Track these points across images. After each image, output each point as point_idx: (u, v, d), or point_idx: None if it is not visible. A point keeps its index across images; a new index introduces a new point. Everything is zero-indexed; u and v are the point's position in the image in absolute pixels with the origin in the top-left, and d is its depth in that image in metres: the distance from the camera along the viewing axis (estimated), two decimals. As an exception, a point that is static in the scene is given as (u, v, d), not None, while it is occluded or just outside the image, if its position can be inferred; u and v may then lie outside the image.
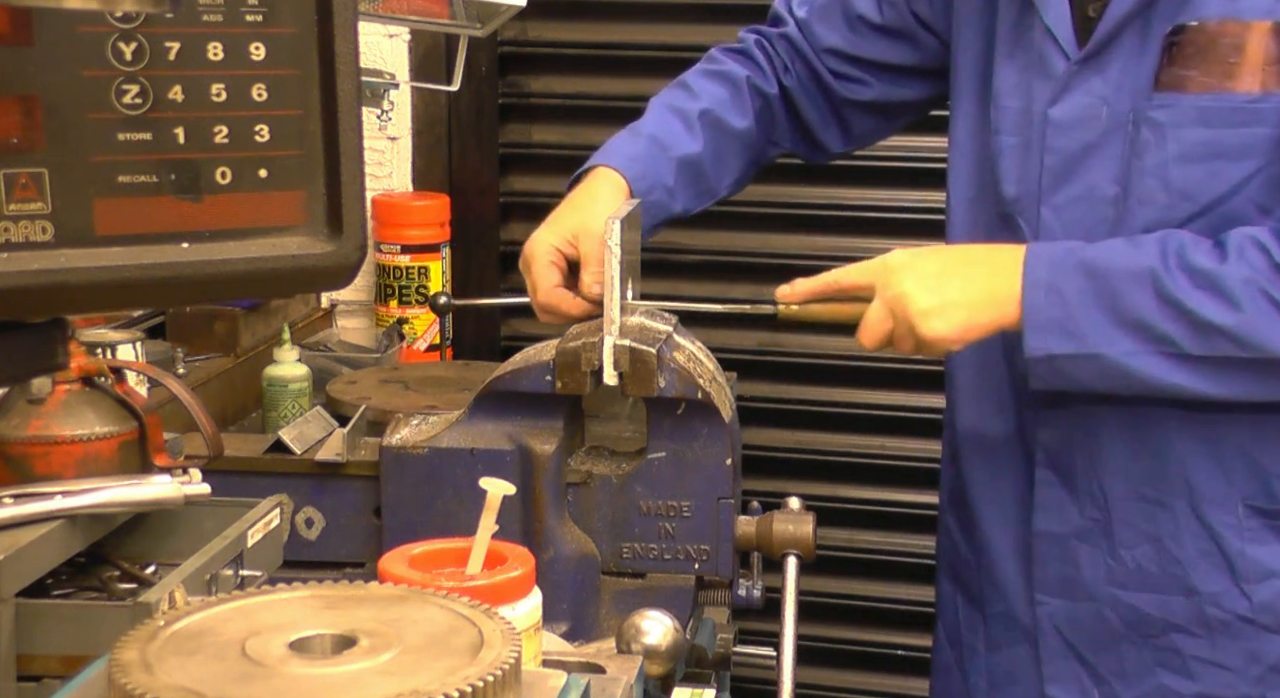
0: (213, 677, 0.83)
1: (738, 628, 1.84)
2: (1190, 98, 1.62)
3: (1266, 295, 1.54)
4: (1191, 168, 1.63)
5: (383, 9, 2.14)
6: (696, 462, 1.70)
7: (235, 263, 0.83)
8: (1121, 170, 1.67)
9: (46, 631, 1.32)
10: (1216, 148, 1.62)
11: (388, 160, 2.90)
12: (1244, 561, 1.71)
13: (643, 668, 1.20)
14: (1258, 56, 1.59)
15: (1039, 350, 1.61)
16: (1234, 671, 1.73)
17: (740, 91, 2.01)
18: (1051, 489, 1.79)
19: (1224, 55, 1.60)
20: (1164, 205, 1.64)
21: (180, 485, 1.42)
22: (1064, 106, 1.70)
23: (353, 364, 2.41)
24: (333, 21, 0.84)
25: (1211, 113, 1.61)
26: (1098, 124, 1.68)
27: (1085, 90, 1.69)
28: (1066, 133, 1.70)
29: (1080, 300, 1.59)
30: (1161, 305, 1.57)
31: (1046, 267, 1.61)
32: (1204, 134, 1.62)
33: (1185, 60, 1.62)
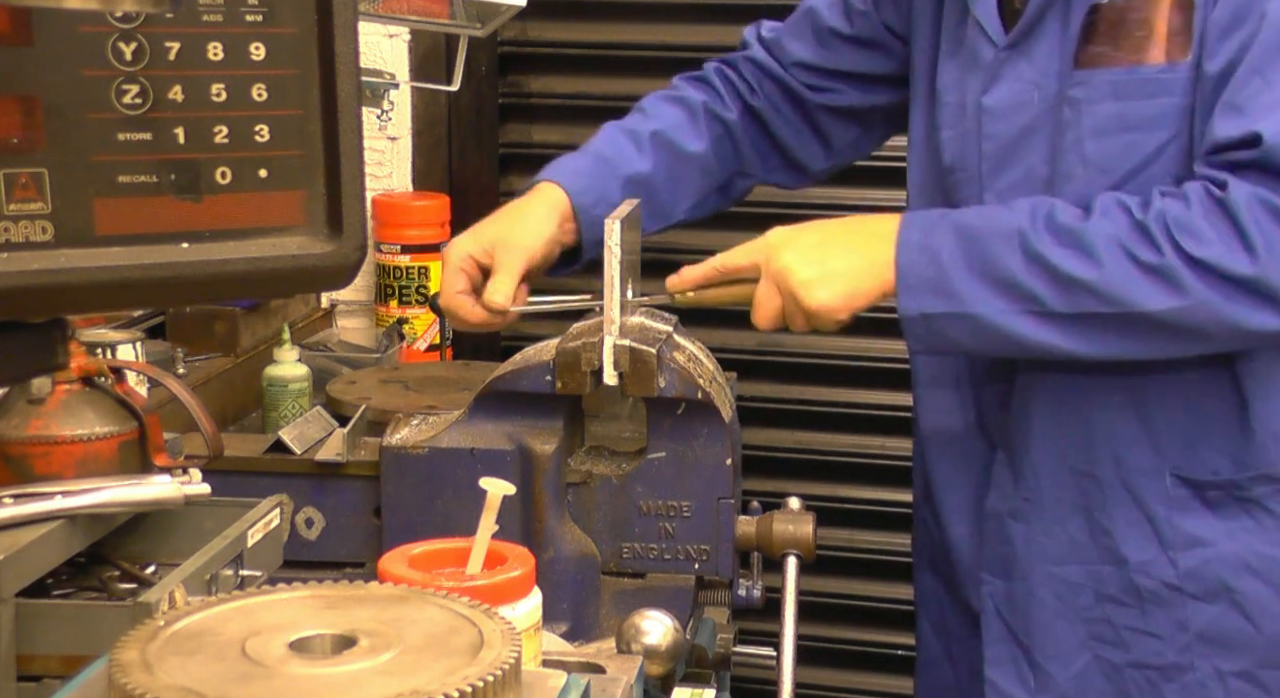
0: (213, 677, 0.83)
1: (738, 628, 1.84)
2: (1104, 73, 1.66)
3: (1126, 251, 1.56)
4: (1106, 141, 1.66)
5: (383, 9, 2.14)
6: (696, 462, 1.70)
7: (235, 263, 0.83)
8: (1049, 150, 1.71)
9: (46, 631, 1.32)
10: (1129, 120, 1.65)
11: (388, 160, 2.90)
12: (1171, 529, 1.72)
13: (643, 668, 1.20)
14: (1163, 29, 1.62)
15: (913, 310, 1.64)
16: (1164, 639, 1.74)
17: (695, 116, 2.02)
18: (1002, 468, 1.82)
19: (1133, 30, 1.64)
20: (1083, 180, 1.67)
21: (180, 485, 1.42)
22: (995, 94, 1.74)
23: (353, 364, 2.41)
24: (333, 21, 0.84)
25: (1123, 86, 1.65)
26: (1030, 108, 1.72)
27: (1015, 76, 1.73)
28: (1001, 119, 1.74)
29: (952, 260, 1.62)
30: (1028, 263, 1.59)
31: (920, 229, 1.65)
32: (1116, 107, 1.65)
33: (1100, 38, 1.66)
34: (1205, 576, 1.71)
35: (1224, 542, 1.71)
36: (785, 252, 1.68)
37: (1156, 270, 1.56)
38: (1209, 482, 1.71)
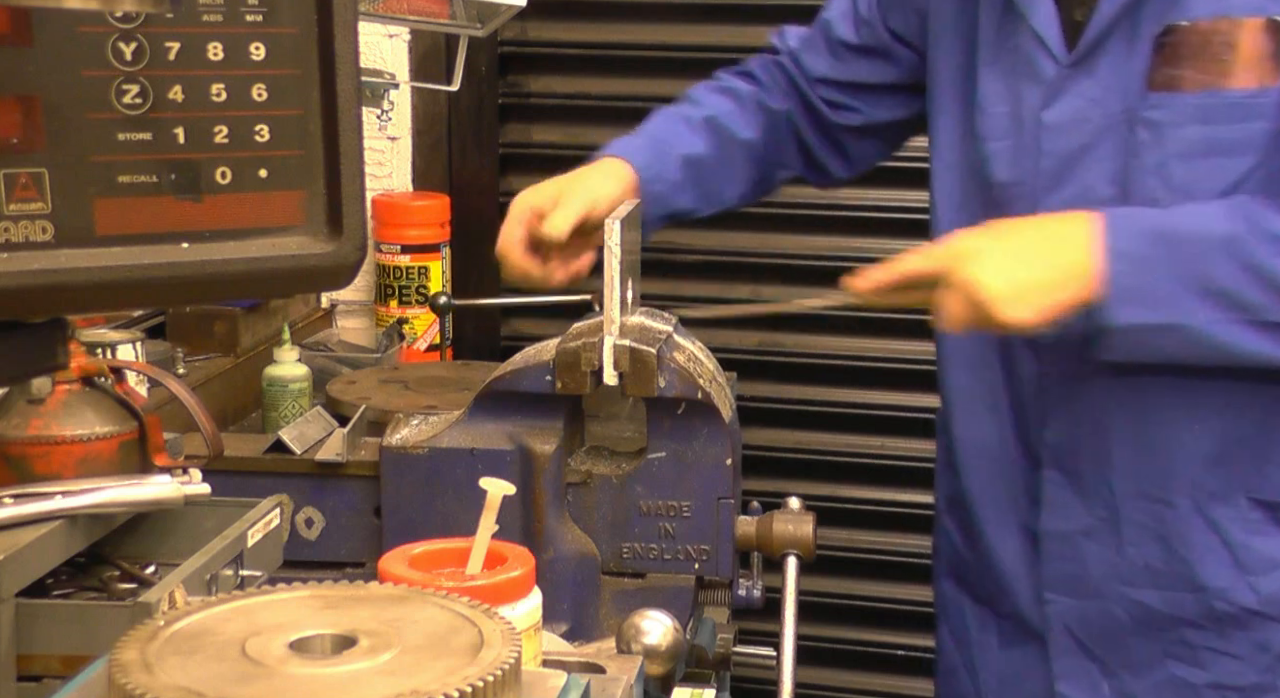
0: (213, 677, 0.83)
1: (738, 628, 1.84)
2: (1186, 96, 1.63)
3: None
4: (1192, 164, 1.64)
5: (383, 9, 2.14)
6: (696, 462, 1.70)
7: (235, 263, 0.83)
8: (1118, 170, 1.68)
9: (46, 631, 1.32)
10: (1215, 144, 1.63)
11: (388, 160, 2.90)
12: (1249, 553, 1.71)
13: (643, 668, 1.20)
14: (1251, 52, 1.60)
15: (1121, 320, 1.58)
16: (1244, 659, 1.74)
17: (745, 105, 2.03)
18: (1058, 488, 1.79)
19: (1217, 53, 1.61)
20: (1166, 203, 1.65)
21: (180, 485, 1.42)
22: (1057, 110, 1.72)
23: (353, 364, 2.41)
24: (333, 21, 0.84)
25: (1208, 110, 1.62)
26: (1090, 126, 1.70)
27: (1077, 93, 1.70)
28: (1061, 135, 1.72)
29: (1161, 268, 1.57)
30: (1244, 271, 1.56)
31: (1124, 236, 1.60)
32: (1202, 131, 1.63)
33: (1178, 60, 1.63)
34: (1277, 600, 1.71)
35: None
36: (974, 264, 1.61)
37: None
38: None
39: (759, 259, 2.91)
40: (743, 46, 2.85)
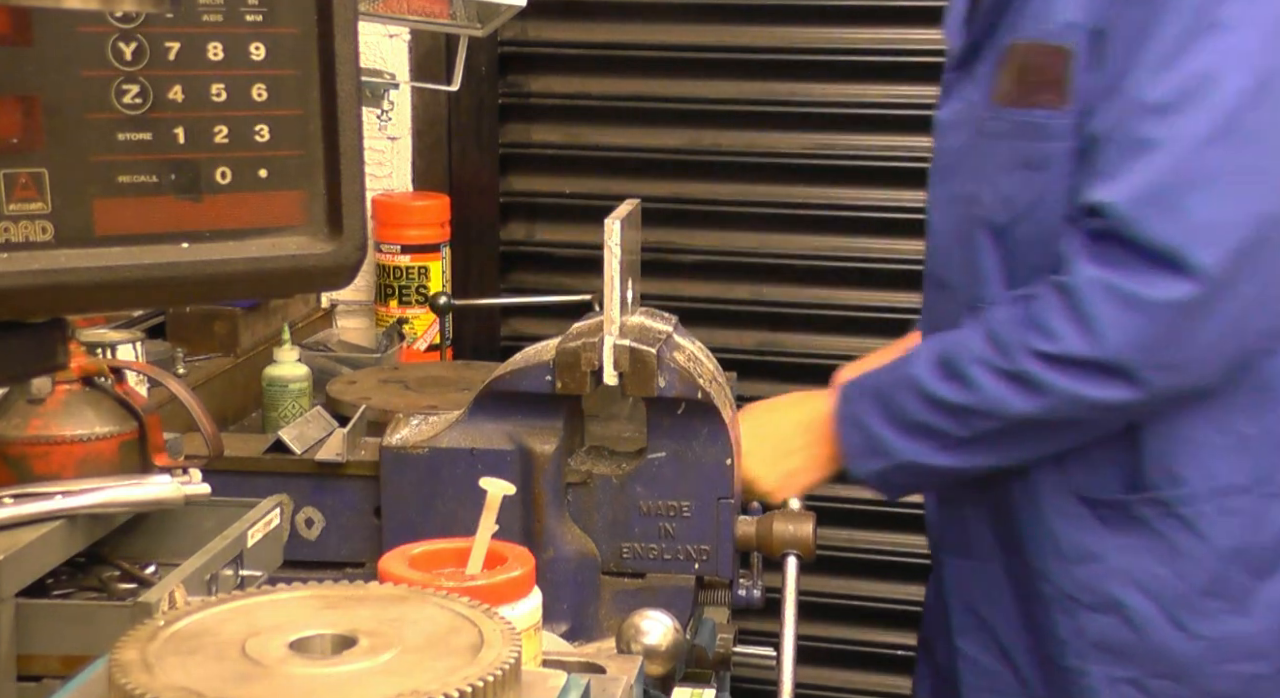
0: (213, 677, 0.83)
1: (738, 628, 1.84)
2: (1009, 111, 1.75)
3: (986, 365, 1.70)
4: (1012, 176, 1.75)
5: (383, 9, 2.14)
6: (697, 462, 1.70)
7: (235, 263, 0.83)
8: (976, 172, 1.81)
9: (46, 631, 1.32)
10: (1026, 158, 1.73)
11: (388, 160, 2.90)
12: (1068, 543, 1.80)
13: (643, 668, 1.20)
14: (1054, 76, 1.70)
15: (864, 473, 1.82)
16: (1067, 643, 1.82)
17: None
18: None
19: (1031, 74, 1.72)
20: (996, 210, 1.77)
21: (180, 485, 1.42)
22: (946, 110, 1.88)
23: (353, 364, 2.41)
24: (333, 21, 0.84)
25: (1022, 126, 1.74)
26: (968, 128, 1.83)
27: (960, 95, 1.85)
28: (947, 134, 1.88)
29: (876, 422, 1.79)
30: (925, 404, 1.76)
31: (849, 401, 1.82)
32: (1016, 145, 1.74)
33: (1010, 75, 1.75)
34: (1097, 589, 1.79)
35: (1114, 557, 1.78)
36: (749, 460, 1.81)
37: (1013, 376, 1.69)
38: (1103, 500, 1.78)
39: (759, 259, 2.91)
40: (743, 46, 2.86)
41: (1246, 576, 1.75)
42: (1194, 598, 1.75)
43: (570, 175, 2.96)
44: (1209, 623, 1.75)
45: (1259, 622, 1.76)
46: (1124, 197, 1.61)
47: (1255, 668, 1.76)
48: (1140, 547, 1.77)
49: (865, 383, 1.83)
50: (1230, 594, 1.75)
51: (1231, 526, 1.75)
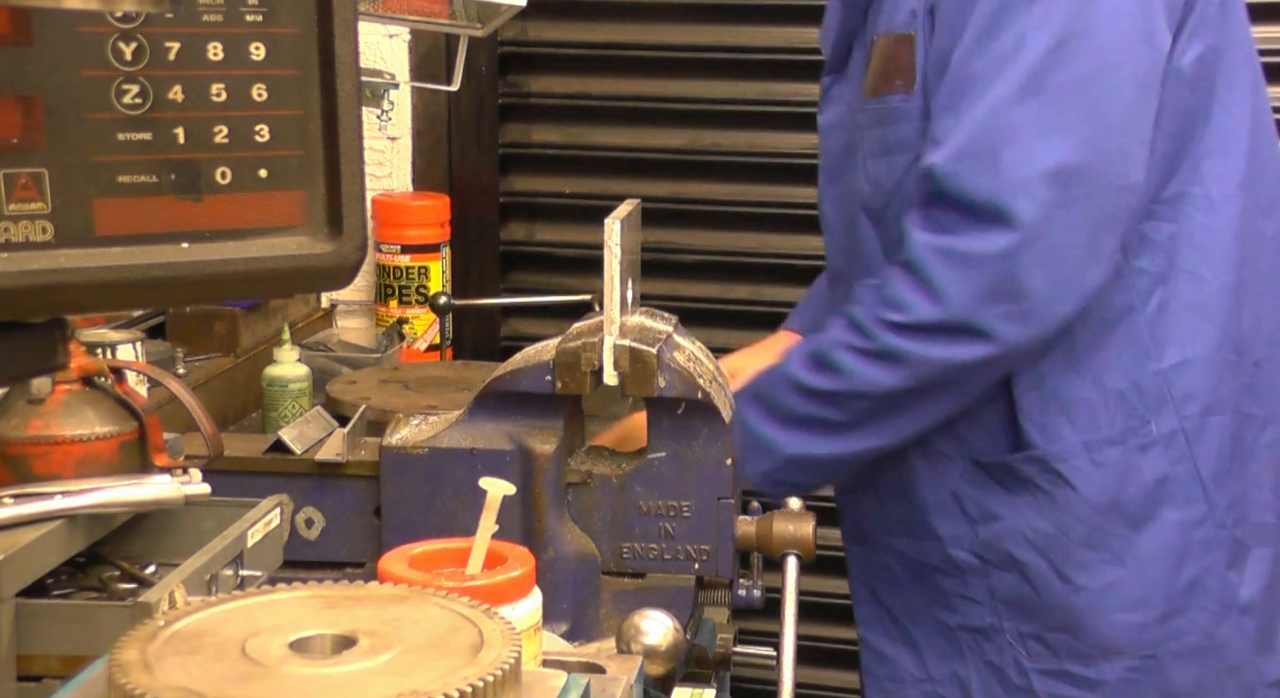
0: (213, 677, 0.83)
1: (738, 628, 1.84)
2: (873, 102, 1.87)
3: (850, 349, 1.78)
4: (877, 162, 1.87)
5: (383, 9, 2.14)
6: (697, 462, 1.70)
7: (235, 263, 0.83)
8: (854, 165, 1.92)
9: (46, 631, 1.32)
10: (886, 143, 1.85)
11: (388, 160, 2.90)
12: (973, 505, 1.88)
13: (643, 668, 1.20)
14: (903, 63, 1.81)
15: (756, 474, 1.85)
16: (982, 604, 1.90)
17: None
18: None
19: (888, 64, 1.84)
20: (869, 194, 1.89)
21: (180, 485, 1.42)
22: (826, 114, 2.01)
23: (353, 364, 2.41)
24: (333, 21, 0.84)
25: (881, 113, 1.85)
26: (847, 126, 1.94)
27: (838, 98, 1.98)
28: (829, 137, 2.00)
29: (756, 423, 1.83)
30: (800, 396, 1.82)
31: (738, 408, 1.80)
32: (879, 132, 1.86)
33: (874, 69, 1.87)
34: (999, 547, 1.87)
35: (1010, 517, 1.86)
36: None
37: (875, 354, 1.76)
38: (994, 463, 1.86)
39: (759, 259, 2.91)
40: (743, 46, 2.86)
41: (1122, 526, 1.82)
42: (1075, 550, 1.83)
43: (570, 175, 2.96)
44: (1090, 574, 1.83)
45: (1137, 571, 1.82)
46: (943, 158, 1.72)
47: (1140, 617, 1.83)
48: (1027, 504, 1.85)
49: (746, 390, 1.87)
50: (1108, 545, 1.82)
51: (1104, 478, 1.82)
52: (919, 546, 1.92)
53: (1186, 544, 1.83)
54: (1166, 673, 1.83)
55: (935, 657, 1.94)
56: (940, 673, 1.94)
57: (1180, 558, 1.83)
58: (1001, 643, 1.88)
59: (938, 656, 1.94)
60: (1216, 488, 1.84)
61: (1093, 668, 1.84)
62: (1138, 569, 1.82)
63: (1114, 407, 1.82)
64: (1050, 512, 1.83)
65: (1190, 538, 1.83)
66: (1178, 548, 1.83)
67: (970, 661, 1.91)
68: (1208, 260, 1.82)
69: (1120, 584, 1.83)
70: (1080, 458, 1.82)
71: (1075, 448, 1.82)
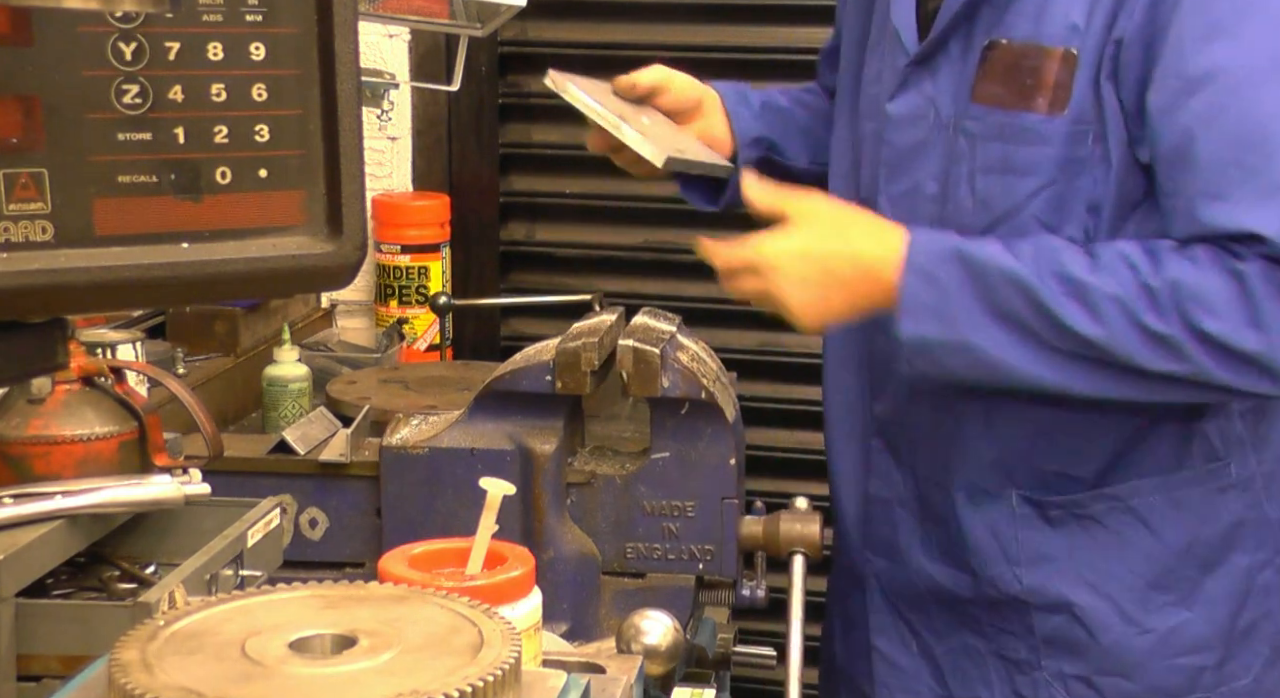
0: (213, 677, 0.83)
1: (738, 628, 1.84)
2: (996, 113, 1.69)
3: (1131, 314, 1.58)
4: (990, 179, 1.70)
5: (383, 9, 2.14)
6: (700, 462, 1.70)
7: (235, 263, 0.83)
8: (941, 171, 1.74)
9: (46, 631, 1.32)
10: (1010, 163, 1.69)
11: (388, 160, 2.90)
12: (1016, 545, 1.79)
13: (643, 668, 1.20)
14: (1049, 80, 1.65)
15: (912, 334, 1.64)
16: (1018, 636, 1.82)
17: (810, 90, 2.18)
18: (881, 456, 1.88)
19: (1023, 76, 1.67)
20: (969, 211, 1.71)
21: (180, 485, 1.42)
22: (899, 103, 1.78)
23: (353, 364, 2.41)
24: (333, 21, 0.84)
25: (1009, 129, 1.68)
26: (926, 124, 1.76)
27: (918, 90, 1.77)
28: (900, 129, 1.79)
29: (956, 289, 1.62)
30: (1031, 308, 1.61)
31: (925, 254, 1.64)
32: (1001, 148, 1.69)
33: (994, 76, 1.70)
34: (1048, 590, 1.78)
35: (1064, 558, 1.78)
36: (784, 278, 1.67)
37: (1161, 338, 1.58)
38: (1051, 501, 1.77)
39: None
40: (743, 46, 2.86)
41: (1194, 569, 1.78)
42: (1144, 592, 1.77)
43: (570, 175, 2.96)
44: (1157, 617, 1.78)
45: (1202, 614, 1.78)
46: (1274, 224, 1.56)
47: (1200, 660, 1.79)
48: (1091, 545, 1.77)
49: (949, 244, 1.66)
50: (1178, 588, 1.78)
51: (1181, 519, 1.76)
52: (954, 575, 1.84)
53: (1250, 587, 1.80)
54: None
55: (958, 678, 1.87)
56: (963, 694, 1.87)
57: (1241, 602, 1.80)
58: (1037, 679, 1.82)
59: (961, 677, 1.87)
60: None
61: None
62: (1203, 612, 1.78)
63: (1194, 445, 1.76)
64: (1119, 552, 1.77)
65: (1254, 581, 1.80)
66: (1242, 591, 1.79)
67: (998, 689, 1.84)
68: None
69: (1185, 628, 1.78)
70: (1158, 496, 1.76)
71: (1154, 487, 1.76)
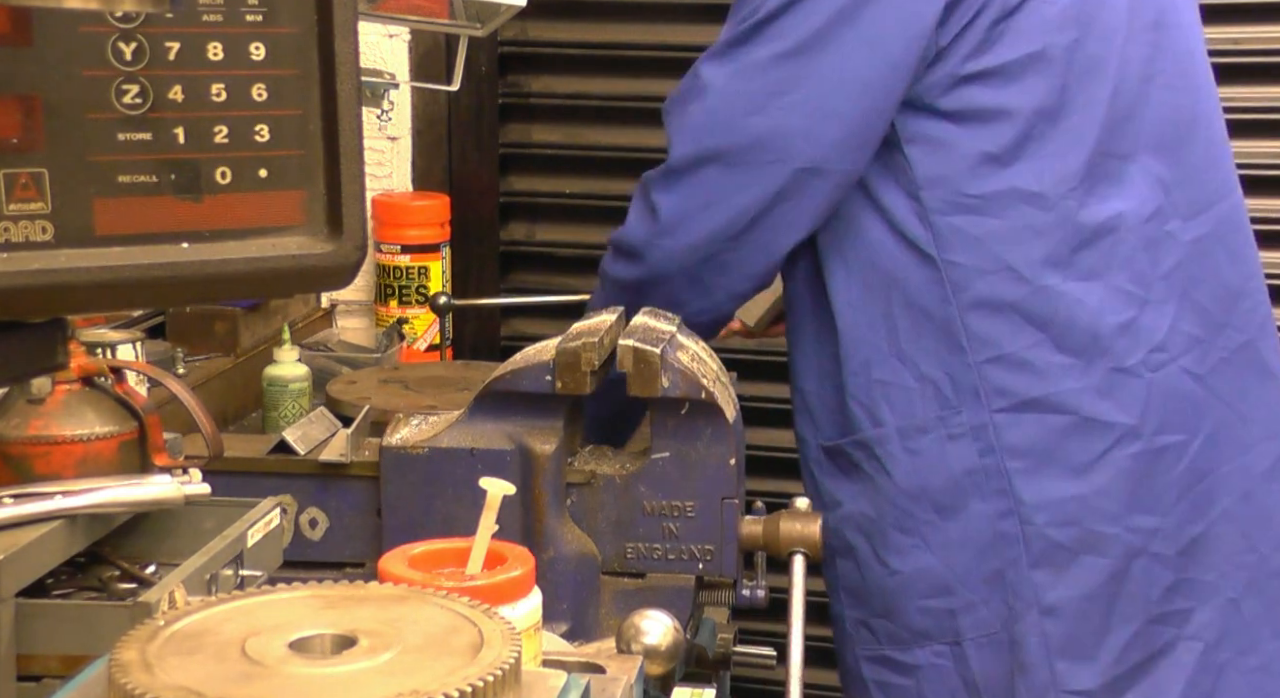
0: (213, 677, 0.83)
1: (738, 628, 1.84)
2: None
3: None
4: None
5: (383, 9, 2.14)
6: (700, 462, 1.70)
7: (235, 263, 0.83)
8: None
9: (46, 631, 1.32)
10: None
11: (388, 160, 2.90)
12: (824, 491, 1.94)
13: (643, 668, 1.20)
14: None
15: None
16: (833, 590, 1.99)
17: None
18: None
19: None
20: None
21: (180, 485, 1.42)
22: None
23: (353, 364, 2.41)
24: (333, 21, 0.84)
25: None
26: None
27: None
28: None
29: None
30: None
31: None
32: None
33: None
34: (840, 533, 1.92)
35: (848, 503, 1.92)
36: None
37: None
38: (832, 447, 1.93)
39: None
40: (743, 46, 2.85)
41: (931, 513, 1.86)
42: (890, 534, 1.87)
43: (570, 175, 2.96)
44: (901, 558, 1.88)
45: (941, 558, 1.86)
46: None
47: (945, 603, 1.87)
48: (856, 489, 1.90)
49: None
50: (917, 530, 1.86)
51: (915, 464, 1.86)
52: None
53: (992, 537, 1.85)
54: (968, 661, 1.87)
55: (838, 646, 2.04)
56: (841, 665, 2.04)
57: (984, 549, 1.86)
58: (843, 630, 1.97)
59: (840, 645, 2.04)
60: (1025, 485, 1.84)
61: (907, 653, 1.90)
62: (941, 555, 1.87)
63: (929, 396, 1.85)
64: (872, 495, 1.89)
65: (995, 530, 1.85)
66: (983, 539, 1.86)
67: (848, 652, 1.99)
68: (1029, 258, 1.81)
69: (927, 570, 1.87)
70: (895, 443, 1.87)
71: (892, 433, 1.87)
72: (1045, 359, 1.83)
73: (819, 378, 1.93)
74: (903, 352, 1.85)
